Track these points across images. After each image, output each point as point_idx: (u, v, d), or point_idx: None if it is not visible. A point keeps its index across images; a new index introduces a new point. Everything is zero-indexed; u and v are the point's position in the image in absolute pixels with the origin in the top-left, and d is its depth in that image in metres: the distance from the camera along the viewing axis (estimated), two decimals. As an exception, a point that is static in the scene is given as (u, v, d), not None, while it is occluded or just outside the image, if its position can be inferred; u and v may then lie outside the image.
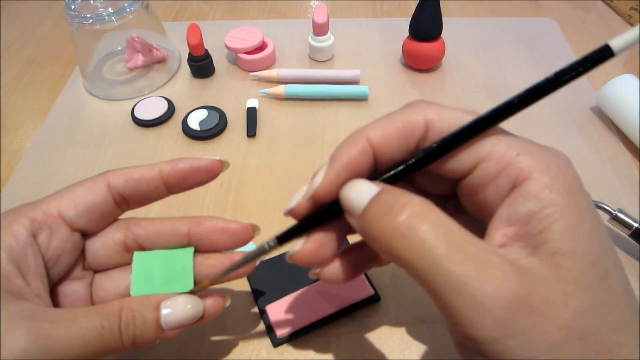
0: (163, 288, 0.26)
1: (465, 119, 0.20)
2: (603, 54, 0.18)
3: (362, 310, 0.34)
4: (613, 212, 0.36)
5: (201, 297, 0.25)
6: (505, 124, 0.21)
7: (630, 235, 0.36)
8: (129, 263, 0.27)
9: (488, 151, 0.19)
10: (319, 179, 0.21)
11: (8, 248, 0.23)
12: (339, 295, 0.33)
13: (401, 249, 0.18)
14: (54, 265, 0.25)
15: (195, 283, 0.26)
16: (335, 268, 0.23)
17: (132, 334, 0.22)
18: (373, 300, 0.34)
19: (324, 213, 0.22)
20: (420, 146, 0.21)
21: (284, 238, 0.23)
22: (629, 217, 0.36)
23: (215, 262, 0.27)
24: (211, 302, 0.25)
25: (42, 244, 0.24)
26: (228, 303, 0.26)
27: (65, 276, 0.26)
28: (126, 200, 0.27)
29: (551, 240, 0.17)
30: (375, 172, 0.21)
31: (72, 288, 0.26)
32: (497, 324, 0.16)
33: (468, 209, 0.22)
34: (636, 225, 0.35)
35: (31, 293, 0.23)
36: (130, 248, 0.27)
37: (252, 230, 0.27)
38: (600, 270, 0.17)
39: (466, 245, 0.17)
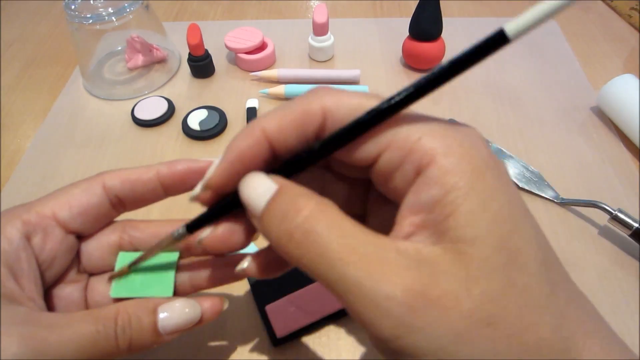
0: (142, 291, 0.25)
1: (365, 106, 0.18)
2: (497, 41, 0.16)
3: None
4: (613, 212, 0.36)
5: (198, 300, 0.25)
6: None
7: (631, 235, 0.36)
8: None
9: (389, 139, 0.18)
10: (211, 170, 0.20)
11: (1, 251, 0.22)
12: None
13: (298, 254, 0.18)
14: (47, 268, 0.24)
15: (176, 288, 0.26)
16: (255, 264, 0.23)
17: (128, 339, 0.22)
18: None
19: (229, 202, 0.21)
20: (320, 136, 0.20)
21: (193, 226, 0.22)
22: (629, 217, 0.36)
23: (200, 267, 0.26)
24: (209, 305, 0.25)
25: (36, 246, 0.24)
26: (226, 305, 0.26)
27: (59, 279, 0.26)
28: (122, 202, 0.26)
29: (454, 228, 0.16)
30: (275, 163, 0.20)
31: (67, 291, 0.26)
32: (395, 322, 0.16)
33: (387, 196, 0.21)
34: (636, 225, 0.35)
35: (25, 297, 0.22)
36: (125, 250, 0.27)
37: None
38: (508, 252, 0.16)
39: (362, 245, 0.17)
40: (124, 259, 0.26)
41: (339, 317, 0.33)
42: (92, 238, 0.27)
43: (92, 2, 0.50)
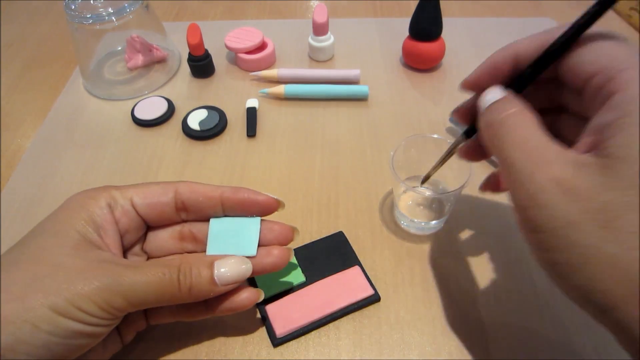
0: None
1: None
2: None
3: (362, 310, 0.34)
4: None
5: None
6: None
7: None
8: (180, 252, 0.32)
9: (603, 64, 0.21)
10: (470, 74, 0.27)
11: (92, 213, 0.28)
12: (338, 295, 0.33)
13: (490, 137, 0.24)
14: (121, 237, 0.29)
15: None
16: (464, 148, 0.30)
17: (188, 284, 0.26)
18: (373, 300, 0.34)
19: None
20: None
21: (468, 132, 0.29)
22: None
23: (279, 227, 0.31)
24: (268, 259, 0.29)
25: (116, 217, 0.29)
26: (271, 260, 0.30)
27: (127, 249, 0.31)
28: (186, 208, 0.30)
29: (613, 146, 0.19)
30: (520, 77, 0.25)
31: (132, 260, 0.31)
32: (531, 195, 0.21)
33: (584, 115, 0.24)
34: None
35: (108, 249, 0.28)
36: (185, 238, 0.31)
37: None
38: None
39: (530, 141, 0.22)
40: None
41: (338, 317, 0.33)
42: (158, 229, 0.32)
43: (92, 2, 0.50)
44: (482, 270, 0.36)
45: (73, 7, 0.49)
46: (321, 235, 0.38)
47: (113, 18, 0.49)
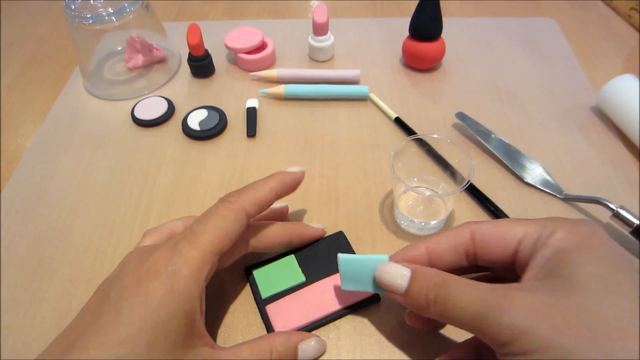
0: (283, 285, 0.34)
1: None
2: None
3: (362, 311, 0.34)
4: (615, 209, 0.36)
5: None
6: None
7: (631, 233, 0.36)
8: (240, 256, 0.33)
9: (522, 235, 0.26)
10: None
11: (198, 298, 0.27)
12: (339, 296, 0.33)
13: (440, 311, 0.25)
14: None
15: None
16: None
17: None
18: (373, 300, 0.34)
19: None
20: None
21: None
22: (631, 214, 0.36)
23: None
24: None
25: (206, 280, 0.28)
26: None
27: None
28: (256, 249, 0.33)
29: (560, 270, 0.24)
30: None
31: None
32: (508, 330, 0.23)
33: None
34: (637, 222, 0.35)
35: (204, 332, 0.28)
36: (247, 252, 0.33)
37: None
38: (604, 289, 0.23)
39: (481, 291, 0.24)
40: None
41: (339, 317, 0.33)
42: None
43: (92, 2, 0.50)
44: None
45: (73, 7, 0.49)
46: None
47: (113, 18, 0.49)
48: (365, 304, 0.34)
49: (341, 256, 0.30)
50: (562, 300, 0.22)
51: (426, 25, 0.51)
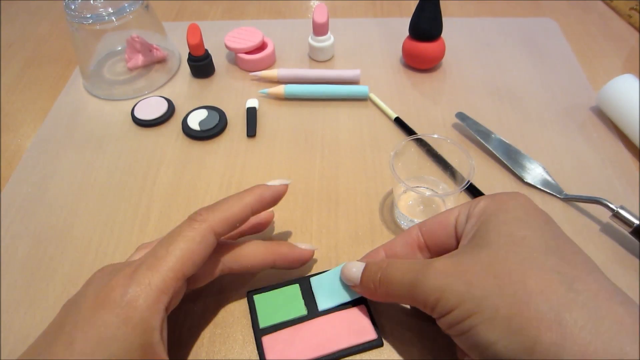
0: (286, 316, 0.33)
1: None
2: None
3: (362, 355, 0.32)
4: (615, 209, 0.36)
5: None
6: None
7: (631, 233, 0.36)
8: (215, 278, 0.31)
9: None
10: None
11: (157, 328, 0.25)
12: (339, 335, 0.31)
13: (384, 292, 0.29)
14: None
15: None
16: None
17: None
18: (374, 345, 0.31)
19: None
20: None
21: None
22: (631, 214, 0.36)
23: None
24: None
25: (170, 307, 0.27)
26: None
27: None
28: (232, 271, 0.32)
29: (477, 236, 0.27)
30: None
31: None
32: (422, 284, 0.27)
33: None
34: (637, 222, 0.35)
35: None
36: (223, 273, 0.31)
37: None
38: (514, 248, 0.26)
39: (412, 265, 0.27)
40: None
41: (336, 358, 0.31)
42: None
43: (92, 2, 0.50)
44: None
45: (73, 7, 0.49)
46: (321, 235, 0.38)
47: (113, 18, 0.49)
48: (366, 348, 0.31)
49: (313, 279, 0.34)
50: (475, 257, 0.25)
51: (426, 25, 0.51)
